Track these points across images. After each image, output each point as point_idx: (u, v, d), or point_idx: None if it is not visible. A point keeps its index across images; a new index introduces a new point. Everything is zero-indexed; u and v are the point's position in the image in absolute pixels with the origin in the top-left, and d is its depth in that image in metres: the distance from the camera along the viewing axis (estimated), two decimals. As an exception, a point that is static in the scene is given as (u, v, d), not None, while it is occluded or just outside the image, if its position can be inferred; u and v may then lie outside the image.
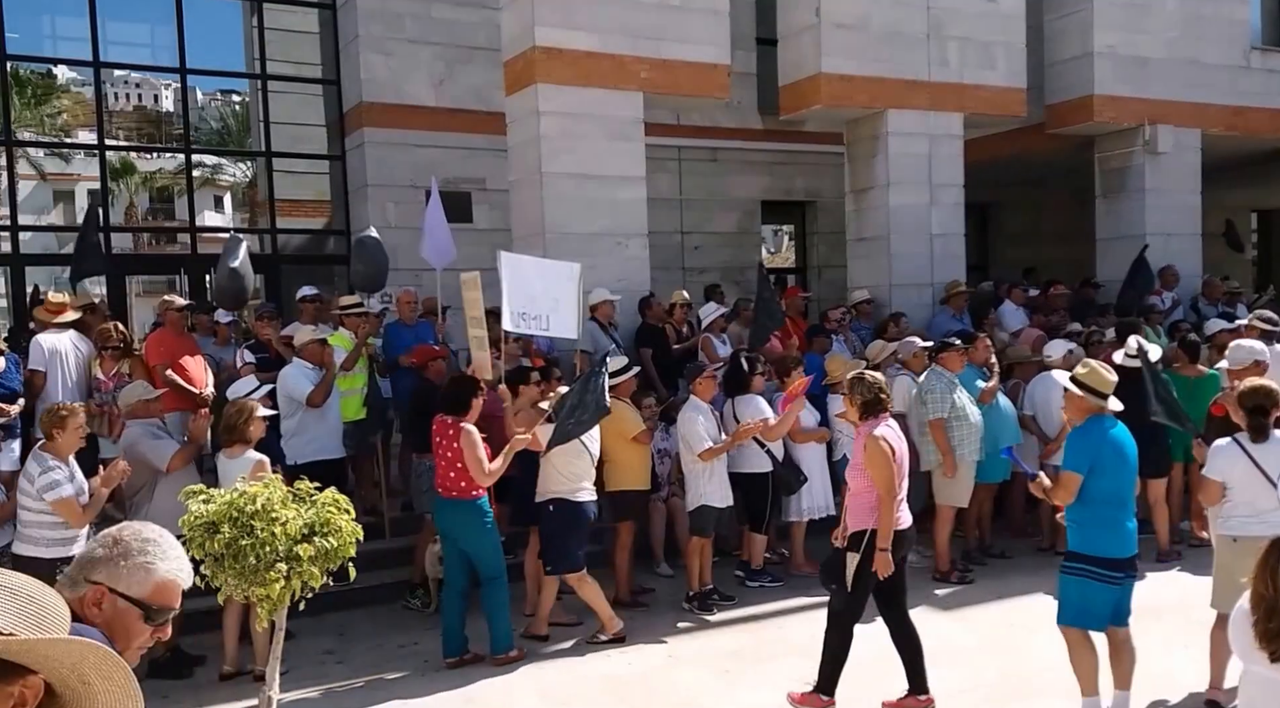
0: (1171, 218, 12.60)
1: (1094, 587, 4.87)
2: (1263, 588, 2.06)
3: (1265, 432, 4.88)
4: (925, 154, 11.04)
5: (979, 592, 7.46)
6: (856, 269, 11.52)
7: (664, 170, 13.34)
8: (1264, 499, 4.83)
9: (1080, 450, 4.89)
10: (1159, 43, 12.40)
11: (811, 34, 10.55)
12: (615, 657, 6.35)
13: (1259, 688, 2.11)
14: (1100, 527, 4.87)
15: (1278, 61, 13.40)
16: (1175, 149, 12.47)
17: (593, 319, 9.03)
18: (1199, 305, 11.95)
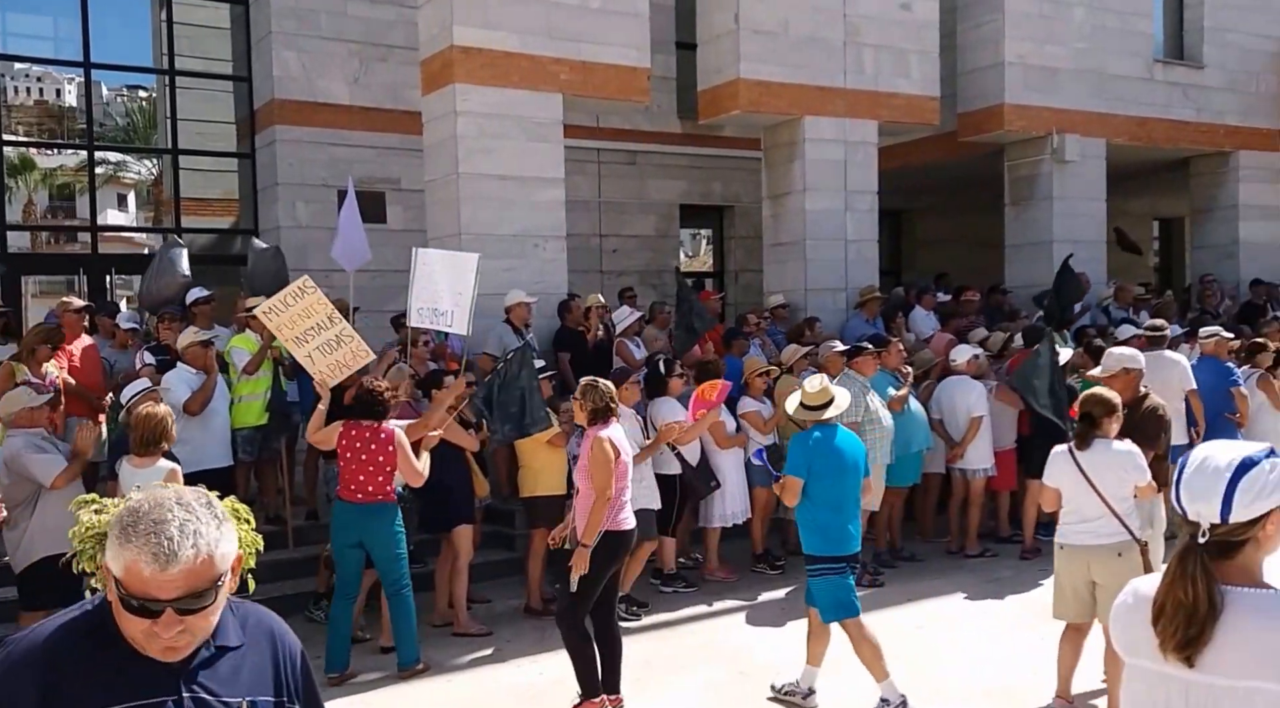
0: (1078, 225, 12.95)
1: (837, 580, 5.20)
2: (1182, 594, 2.03)
3: (1087, 440, 4.90)
4: (841, 161, 11.16)
5: (890, 594, 7.52)
6: (773, 274, 11.59)
7: (583, 172, 13.28)
8: (1090, 507, 4.87)
9: (798, 455, 5.21)
10: (1067, 54, 12.74)
11: (730, 39, 10.59)
12: (526, 666, 6.26)
13: (1146, 683, 2.13)
14: (817, 528, 5.19)
15: (1178, 74, 13.86)
16: (1081, 158, 12.82)
17: (506, 321, 8.93)
18: (1110, 310, 12.29)
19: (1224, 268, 14.51)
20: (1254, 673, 1.96)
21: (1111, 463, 4.85)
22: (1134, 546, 4.81)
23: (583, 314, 9.42)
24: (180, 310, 8.51)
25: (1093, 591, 4.91)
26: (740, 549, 8.30)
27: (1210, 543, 2.04)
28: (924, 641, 6.54)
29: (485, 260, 9.25)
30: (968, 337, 9.95)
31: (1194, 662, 2.01)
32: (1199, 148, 14.27)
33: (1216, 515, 2.03)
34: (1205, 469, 2.07)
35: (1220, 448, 2.11)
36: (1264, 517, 2.03)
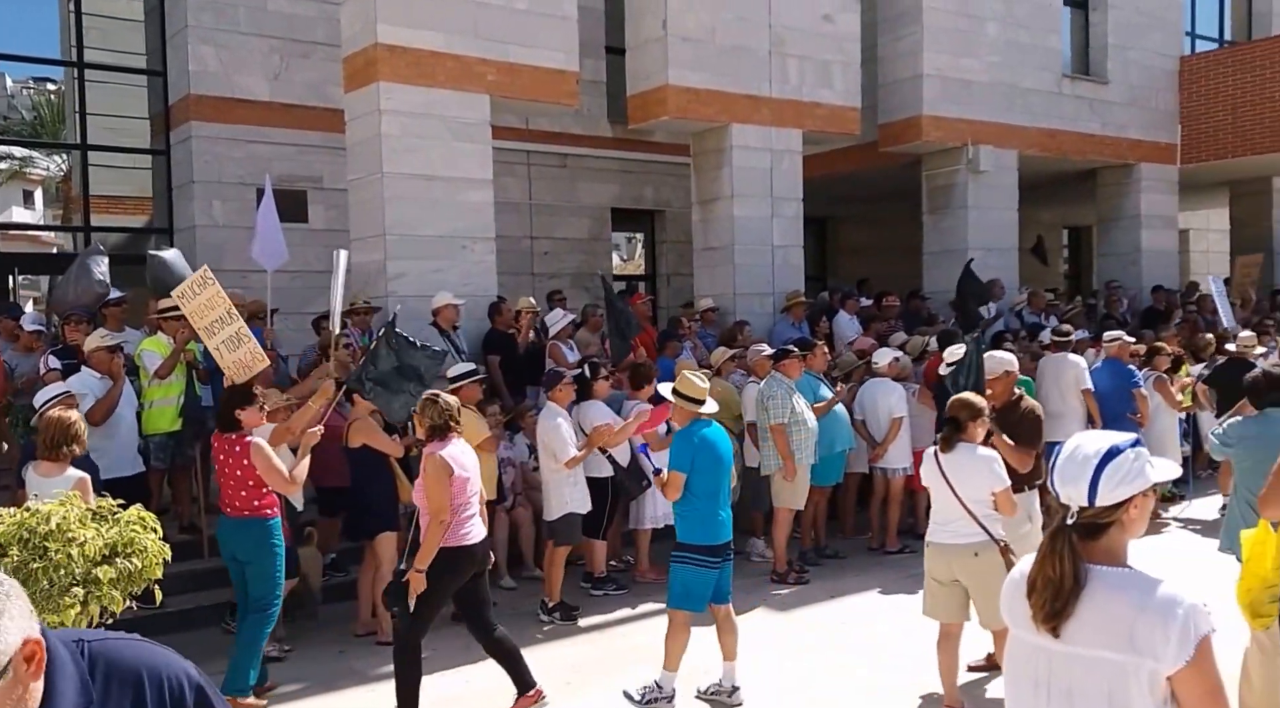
0: (992, 233, 13.33)
1: (697, 573, 5.40)
2: (1051, 571, 2.22)
3: (951, 443, 5.02)
4: (767, 168, 11.32)
5: (814, 591, 7.65)
6: (703, 278, 11.69)
7: (513, 174, 13.23)
8: (950, 508, 5.01)
9: (683, 451, 5.36)
10: (982, 67, 13.11)
11: (658, 45, 10.66)
12: (452, 676, 6.17)
13: (1027, 654, 2.31)
14: (699, 519, 5.38)
15: (1085, 89, 14.38)
16: (995, 168, 13.20)
17: (433, 324, 8.85)
18: (1023, 315, 12.67)
19: (1128, 274, 15.10)
20: (1101, 643, 2.16)
21: (972, 467, 4.96)
22: (992, 546, 4.93)
23: (513, 317, 9.38)
24: (88, 312, 8.23)
25: (959, 590, 5.04)
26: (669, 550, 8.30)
27: (1078, 524, 2.24)
28: (845, 636, 6.68)
29: (412, 262, 9.24)
30: (888, 341, 10.20)
31: (1059, 632, 2.20)
32: (1104, 160, 14.80)
33: (1084, 499, 2.22)
34: (1075, 457, 2.26)
35: (1090, 438, 2.30)
36: (1127, 501, 2.22)
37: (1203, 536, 8.94)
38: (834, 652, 6.39)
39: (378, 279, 9.29)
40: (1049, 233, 18.79)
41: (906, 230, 14.46)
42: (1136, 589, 2.16)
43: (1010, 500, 5.00)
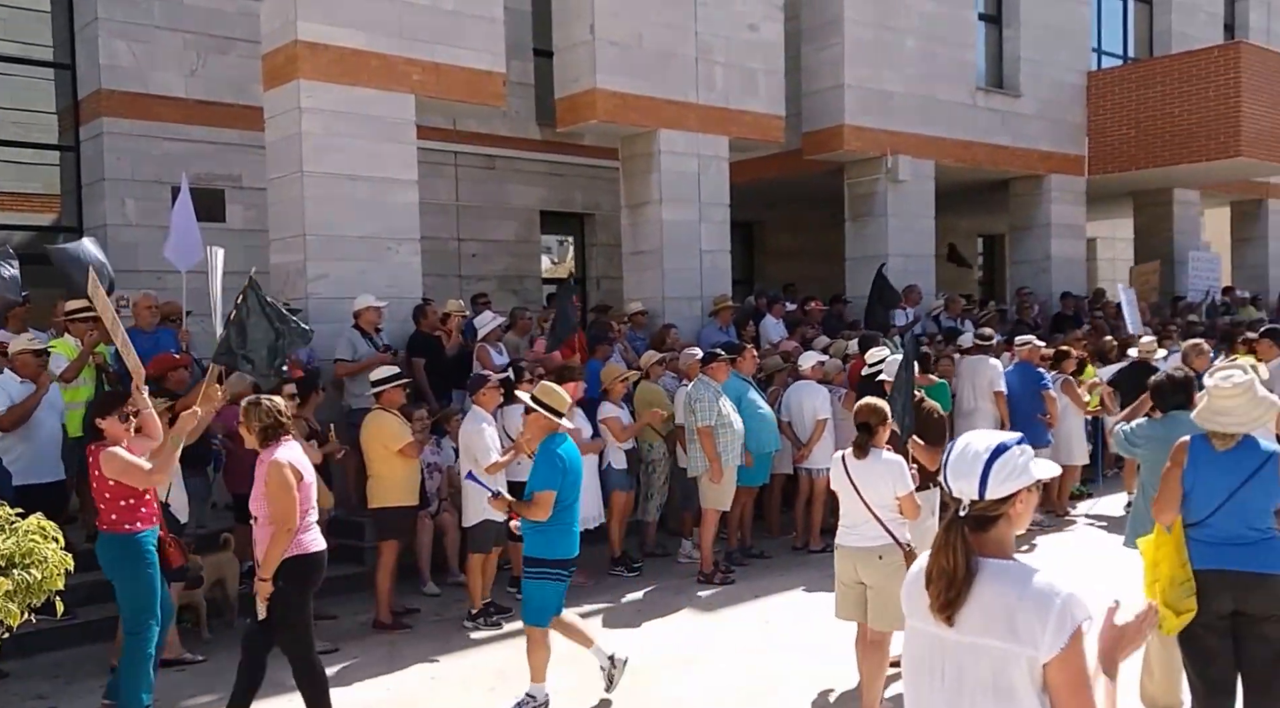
0: (910, 240, 13.66)
1: (553, 587, 5.40)
2: (945, 562, 2.32)
3: (865, 449, 5.06)
4: (695, 173, 11.42)
5: (740, 591, 7.74)
6: (632, 281, 11.73)
7: (440, 175, 13.12)
8: (857, 512, 5.07)
9: (551, 467, 5.29)
10: (900, 79, 13.42)
11: (586, 49, 10.68)
12: (373, 684, 6.08)
13: (923, 643, 2.41)
14: (560, 532, 5.37)
15: (998, 102, 14.81)
16: (913, 177, 13.53)
17: (355, 327, 8.72)
18: (940, 320, 13.00)
19: (1038, 281, 15.59)
20: (986, 631, 2.27)
21: (878, 471, 5.02)
22: (896, 549, 5.00)
23: (439, 319, 9.29)
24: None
25: (864, 592, 5.10)
26: (598, 553, 8.35)
27: (969, 517, 2.36)
28: (769, 634, 6.77)
29: (334, 263, 9.10)
30: (812, 344, 10.39)
31: (953, 621, 2.31)
32: (1016, 171, 15.26)
33: (975, 493, 2.34)
34: (966, 454, 2.37)
35: (980, 435, 2.43)
36: (1014, 496, 2.35)
37: (1109, 531, 9.26)
38: (755, 650, 6.46)
39: (298, 280, 9.13)
40: (965, 241, 19.30)
41: (831, 236, 14.72)
42: (1018, 580, 2.27)
43: (914, 504, 5.07)
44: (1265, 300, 17.93)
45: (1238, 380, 4.20)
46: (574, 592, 7.64)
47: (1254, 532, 4.13)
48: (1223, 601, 4.13)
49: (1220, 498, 4.15)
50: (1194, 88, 15.08)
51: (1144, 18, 17.77)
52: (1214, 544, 4.17)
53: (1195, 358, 8.45)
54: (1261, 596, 4.08)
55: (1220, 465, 4.19)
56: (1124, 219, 19.78)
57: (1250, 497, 4.13)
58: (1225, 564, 4.13)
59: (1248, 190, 18.86)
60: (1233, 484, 4.15)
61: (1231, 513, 4.15)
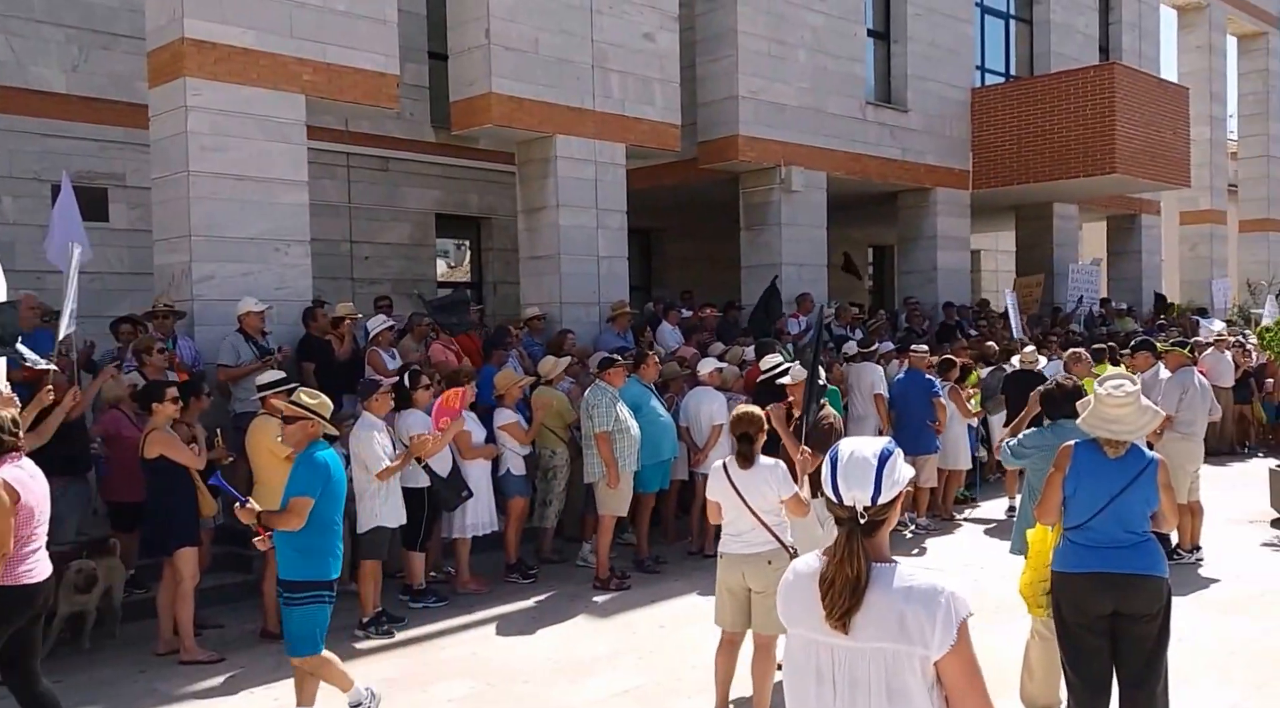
0: (803, 249, 13.97)
1: (319, 610, 5.01)
2: (849, 570, 2.34)
3: (750, 458, 5.05)
4: (592, 179, 11.48)
5: (635, 596, 7.78)
6: (529, 286, 11.72)
7: (332, 176, 12.89)
8: (742, 520, 5.07)
9: (311, 474, 4.89)
10: (793, 92, 13.74)
11: (481, 53, 10.65)
12: (260, 694, 5.95)
13: (810, 650, 2.43)
14: (322, 551, 4.98)
15: (887, 116, 15.29)
16: (806, 188, 13.86)
17: (240, 330, 8.52)
18: (831, 328, 13.30)
19: (925, 291, 16.11)
20: (878, 635, 2.32)
21: (761, 477, 5.03)
22: (784, 554, 5.01)
23: (330, 322, 9.13)
24: None
25: (748, 599, 5.12)
26: (494, 560, 8.32)
27: (864, 523, 2.39)
28: (664, 639, 6.84)
29: (220, 264, 8.88)
30: (708, 350, 10.54)
31: (849, 629, 2.34)
32: (904, 183, 15.76)
33: (869, 499, 2.37)
34: (856, 460, 2.40)
35: (860, 442, 2.46)
36: (895, 499, 2.41)
37: (991, 536, 9.62)
38: (651, 657, 6.53)
39: (183, 282, 8.88)
40: (856, 251, 19.80)
41: (727, 244, 14.95)
42: (903, 582, 2.33)
43: (800, 504, 5.10)
44: (1139, 312, 18.87)
45: (1128, 389, 4.37)
46: (468, 601, 7.67)
47: (1131, 535, 4.30)
48: (1102, 602, 4.29)
49: (1102, 502, 4.31)
50: (1071, 106, 15.78)
51: (1025, 38, 18.53)
52: (1094, 547, 4.33)
53: (1075, 366, 8.88)
54: (1139, 596, 4.25)
55: (1104, 471, 4.35)
56: (1007, 232, 20.55)
57: (1130, 501, 4.30)
58: (1105, 566, 4.29)
59: (1122, 206, 19.82)
60: (1114, 489, 4.31)
61: (1111, 517, 4.31)
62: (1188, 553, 8.33)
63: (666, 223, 17.25)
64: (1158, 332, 15.88)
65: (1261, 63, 24.35)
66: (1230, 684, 5.76)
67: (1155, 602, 4.27)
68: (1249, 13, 23.55)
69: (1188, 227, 22.87)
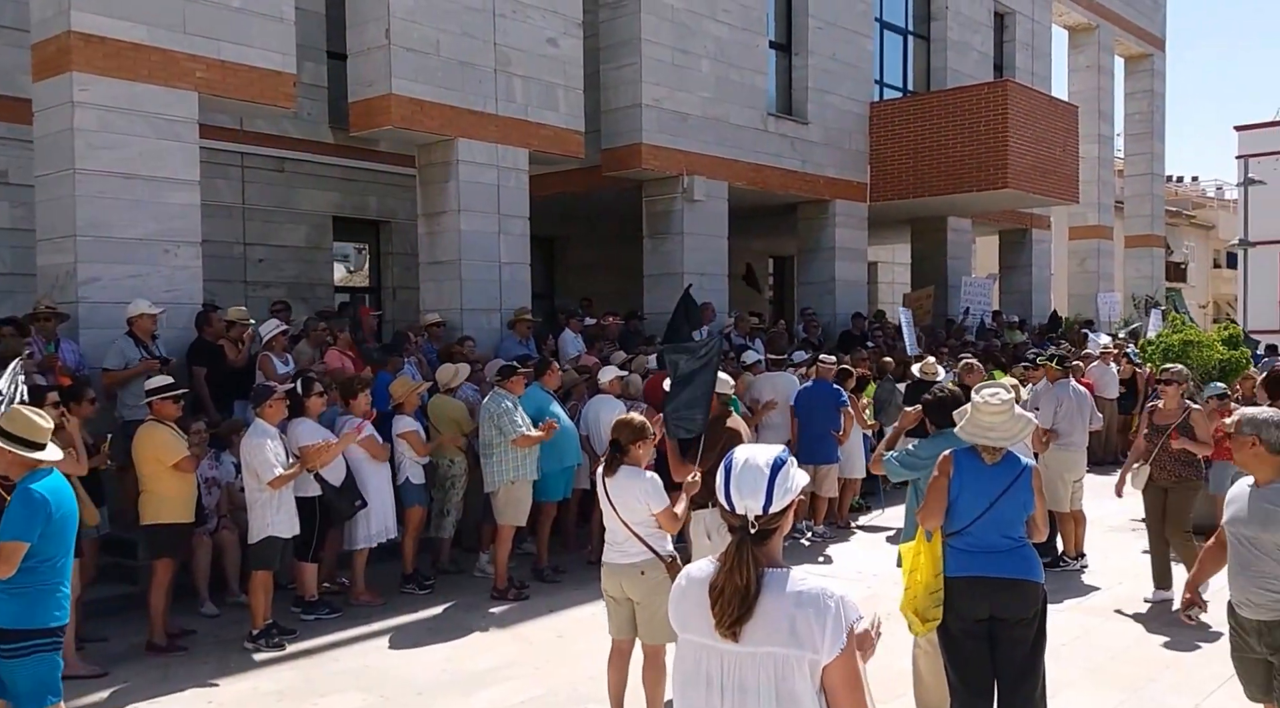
0: (705, 259, 14.11)
1: (49, 661, 4.35)
2: (739, 579, 2.37)
3: (614, 467, 5.03)
4: (494, 184, 11.41)
5: (534, 606, 7.76)
6: (429, 292, 11.58)
7: (225, 176, 12.54)
8: (617, 530, 5.08)
9: (28, 514, 4.18)
10: (696, 101, 13.89)
11: (382, 54, 10.51)
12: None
13: (699, 655, 2.45)
14: (43, 593, 4.27)
15: (788, 128, 15.55)
16: (708, 198, 14.01)
17: (129, 334, 8.24)
18: (731, 338, 13.46)
19: (824, 302, 16.42)
20: (768, 640, 2.35)
21: (632, 488, 4.99)
22: (658, 564, 5.01)
23: (224, 326, 8.88)
24: None
25: (633, 608, 5.12)
26: (390, 571, 8.20)
27: (756, 532, 2.42)
28: (562, 649, 6.83)
29: (107, 266, 8.59)
30: (610, 359, 10.57)
31: (739, 636, 2.37)
32: (804, 195, 16.02)
33: (760, 508, 2.40)
34: (749, 469, 2.43)
35: (753, 450, 2.49)
36: (788, 507, 2.44)
37: (890, 544, 9.83)
38: (548, 667, 6.51)
39: (67, 283, 8.55)
40: (757, 261, 20.07)
41: (629, 252, 15.01)
42: (794, 588, 2.36)
43: (672, 519, 5.03)
44: (1030, 325, 19.54)
45: (1003, 398, 4.53)
46: (363, 613, 7.54)
47: (1007, 540, 4.45)
48: (979, 606, 4.41)
49: (981, 508, 4.45)
50: (966, 122, 16.23)
51: (922, 54, 19.03)
52: (971, 552, 4.46)
53: (967, 376, 9.15)
54: (1014, 600, 4.39)
55: (984, 477, 4.50)
56: (903, 244, 21.05)
57: (1006, 507, 4.45)
58: (982, 571, 4.42)
59: (1014, 220, 20.47)
60: (992, 495, 4.45)
61: (989, 522, 4.45)
62: (1072, 560, 8.65)
63: (570, 230, 17.24)
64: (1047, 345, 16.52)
65: (1147, 83, 25.44)
66: (1109, 687, 6.00)
67: (1030, 606, 4.41)
68: (1136, 35, 24.61)
69: (1076, 241, 23.69)
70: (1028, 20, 20.82)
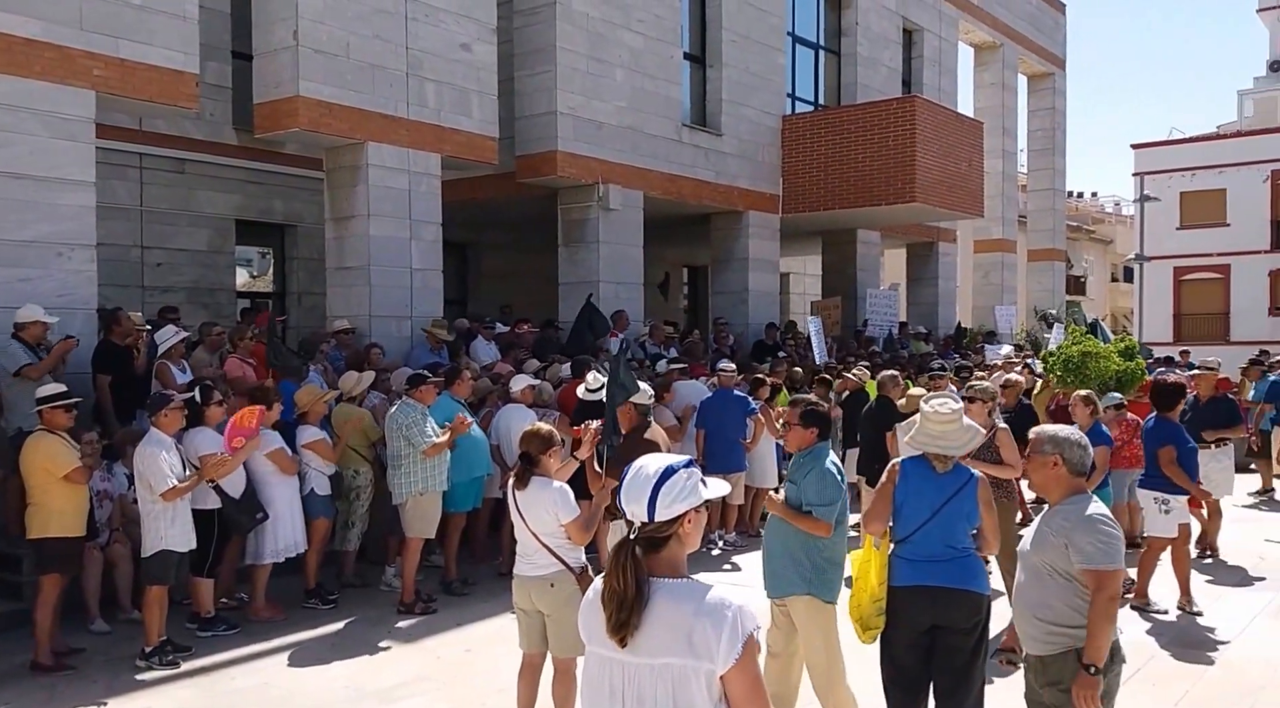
0: (621, 268, 14.12)
1: None
2: (616, 584, 2.38)
3: (525, 479, 4.99)
4: (405, 189, 11.24)
5: (442, 620, 7.63)
6: (337, 298, 11.35)
7: (123, 177, 12.13)
8: (526, 541, 5.04)
9: None
10: (611, 110, 13.89)
11: (289, 55, 10.28)
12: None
13: (601, 666, 2.46)
14: None
15: (702, 139, 15.67)
16: (623, 207, 14.02)
17: (16, 338, 7.89)
18: (645, 347, 13.49)
19: (737, 312, 16.55)
20: (664, 650, 2.34)
21: (542, 500, 4.95)
22: (567, 576, 4.95)
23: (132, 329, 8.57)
24: None
25: (544, 621, 5.06)
26: (292, 585, 7.98)
27: (641, 539, 2.43)
28: (470, 663, 6.74)
29: (-6, 269, 8.18)
30: (524, 368, 10.48)
31: (626, 643, 2.37)
32: (718, 206, 16.15)
33: (645, 515, 2.41)
34: (638, 477, 2.45)
35: (650, 459, 2.51)
36: (681, 517, 2.43)
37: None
38: (455, 683, 6.42)
39: (-51, 287, 8.15)
40: (672, 271, 20.16)
41: (545, 260, 14.93)
42: (692, 597, 2.36)
43: (581, 530, 4.98)
44: (935, 336, 19.99)
45: (952, 407, 4.62)
46: (263, 628, 7.32)
47: (951, 550, 4.50)
48: (922, 616, 4.46)
49: (924, 516, 4.51)
50: (875, 136, 16.52)
51: (833, 69, 19.36)
52: (915, 561, 4.51)
53: (891, 388, 9.30)
54: (955, 609, 4.43)
55: (929, 486, 4.57)
56: (814, 256, 21.38)
57: (951, 516, 4.51)
58: (925, 580, 4.46)
59: (921, 234, 20.94)
60: (937, 503, 4.51)
61: (933, 531, 4.50)
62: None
63: (485, 236, 17.09)
64: (951, 355, 16.92)
65: (1049, 101, 26.31)
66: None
67: (973, 616, 4.45)
68: (1038, 54, 25.43)
69: (981, 255, 24.31)
70: (935, 38, 21.34)
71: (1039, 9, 25.57)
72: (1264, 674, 6.37)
